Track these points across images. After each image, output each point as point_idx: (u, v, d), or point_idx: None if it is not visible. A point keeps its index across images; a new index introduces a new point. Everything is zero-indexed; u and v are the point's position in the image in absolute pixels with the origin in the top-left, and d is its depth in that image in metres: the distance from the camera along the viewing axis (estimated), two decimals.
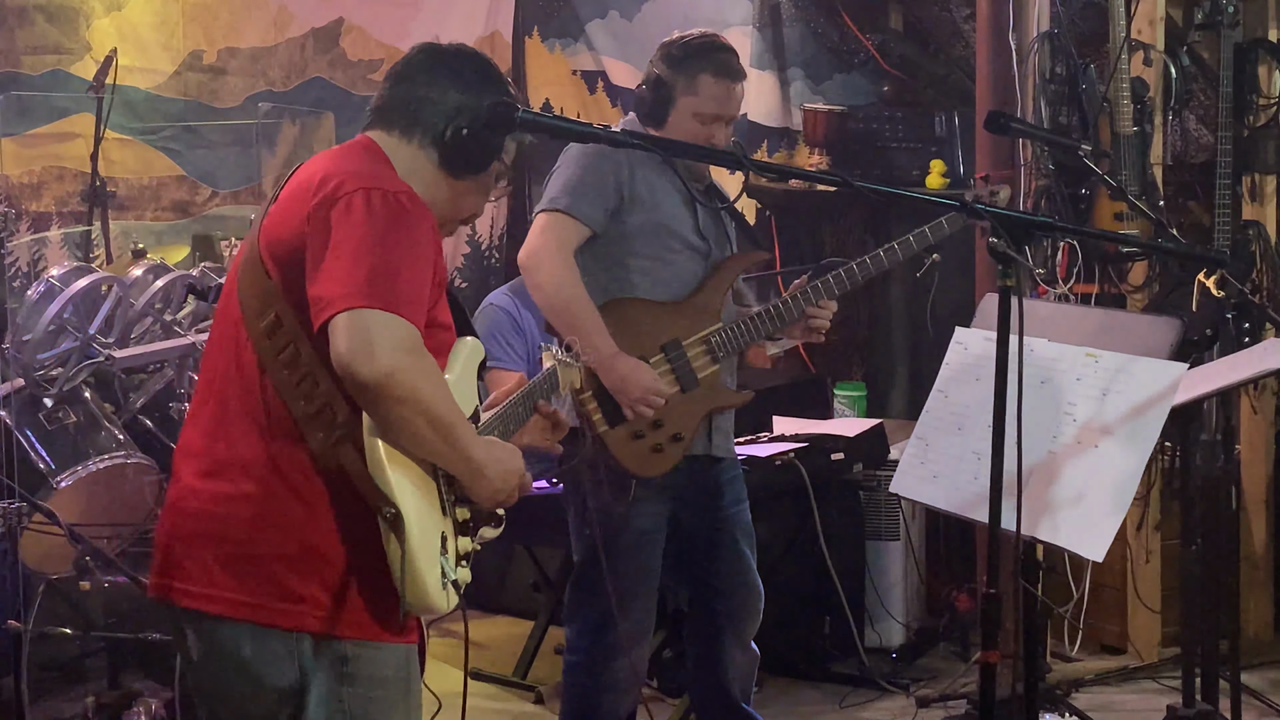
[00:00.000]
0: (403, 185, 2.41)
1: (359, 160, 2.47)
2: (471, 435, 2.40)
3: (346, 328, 2.24)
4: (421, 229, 2.37)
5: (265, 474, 2.36)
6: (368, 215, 2.32)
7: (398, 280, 2.28)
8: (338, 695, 2.37)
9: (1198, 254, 4.30)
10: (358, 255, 2.28)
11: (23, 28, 5.36)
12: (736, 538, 3.81)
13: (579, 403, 3.55)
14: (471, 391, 2.58)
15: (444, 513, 2.42)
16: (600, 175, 3.56)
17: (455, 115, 2.51)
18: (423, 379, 2.27)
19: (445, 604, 2.38)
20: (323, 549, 2.35)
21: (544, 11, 6.54)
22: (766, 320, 3.71)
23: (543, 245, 3.55)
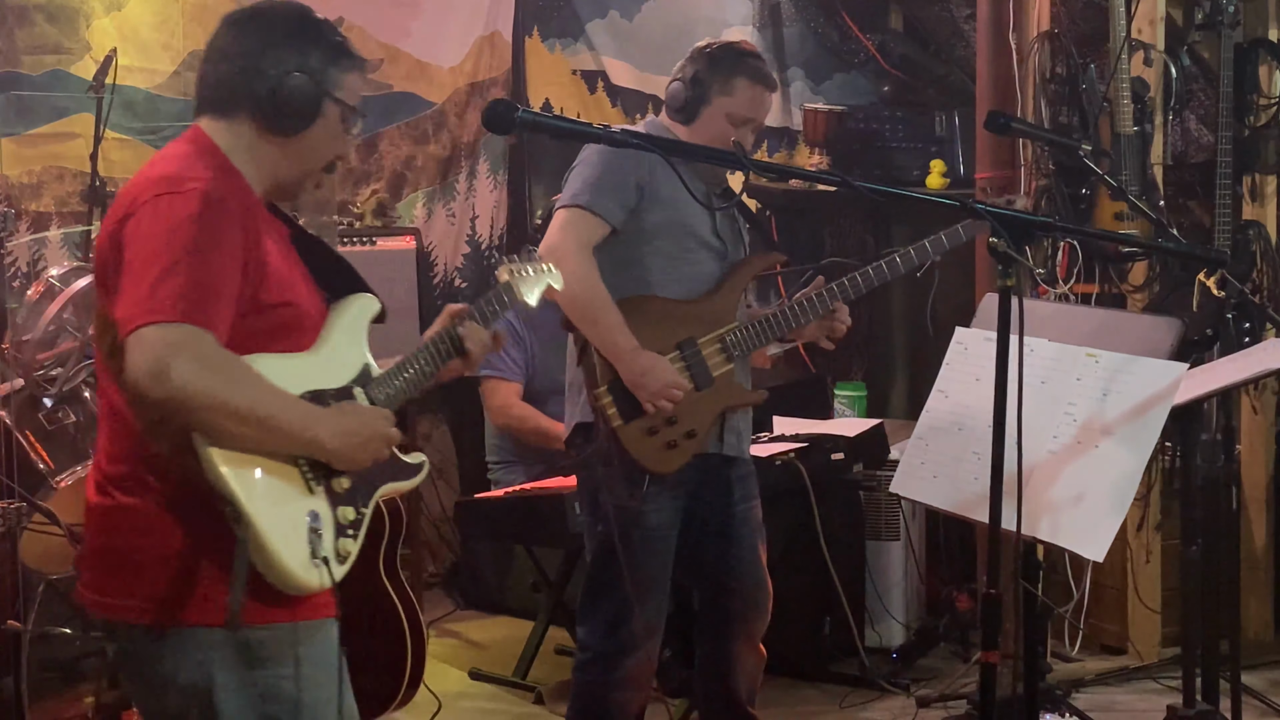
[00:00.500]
0: (199, 178, 2.39)
1: (167, 159, 2.48)
2: (300, 416, 2.39)
3: (134, 350, 2.26)
4: (216, 219, 2.35)
5: (132, 486, 2.42)
6: (154, 222, 2.33)
7: (187, 285, 2.28)
8: (249, 680, 2.42)
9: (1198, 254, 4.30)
10: (144, 270, 2.30)
11: (23, 28, 5.35)
12: (749, 535, 3.81)
13: (594, 397, 3.55)
14: (356, 352, 2.59)
15: (310, 490, 2.42)
16: (621, 173, 3.57)
17: (258, 77, 2.50)
18: (221, 383, 2.28)
19: (317, 581, 2.40)
20: (199, 545, 2.38)
21: (544, 11, 6.54)
22: (782, 321, 3.72)
23: (563, 241, 3.55)
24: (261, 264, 2.42)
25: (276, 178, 2.56)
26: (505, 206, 6.49)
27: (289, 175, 2.57)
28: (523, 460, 5.21)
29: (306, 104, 2.51)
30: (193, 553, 2.39)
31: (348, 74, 2.56)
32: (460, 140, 6.35)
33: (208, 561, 2.39)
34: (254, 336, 2.41)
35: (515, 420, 5.13)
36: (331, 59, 2.54)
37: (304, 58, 2.51)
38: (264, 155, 2.53)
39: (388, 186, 6.22)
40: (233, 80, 2.52)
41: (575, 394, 3.71)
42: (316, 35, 2.54)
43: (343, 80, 2.55)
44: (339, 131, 2.57)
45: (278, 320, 2.45)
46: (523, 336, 5.18)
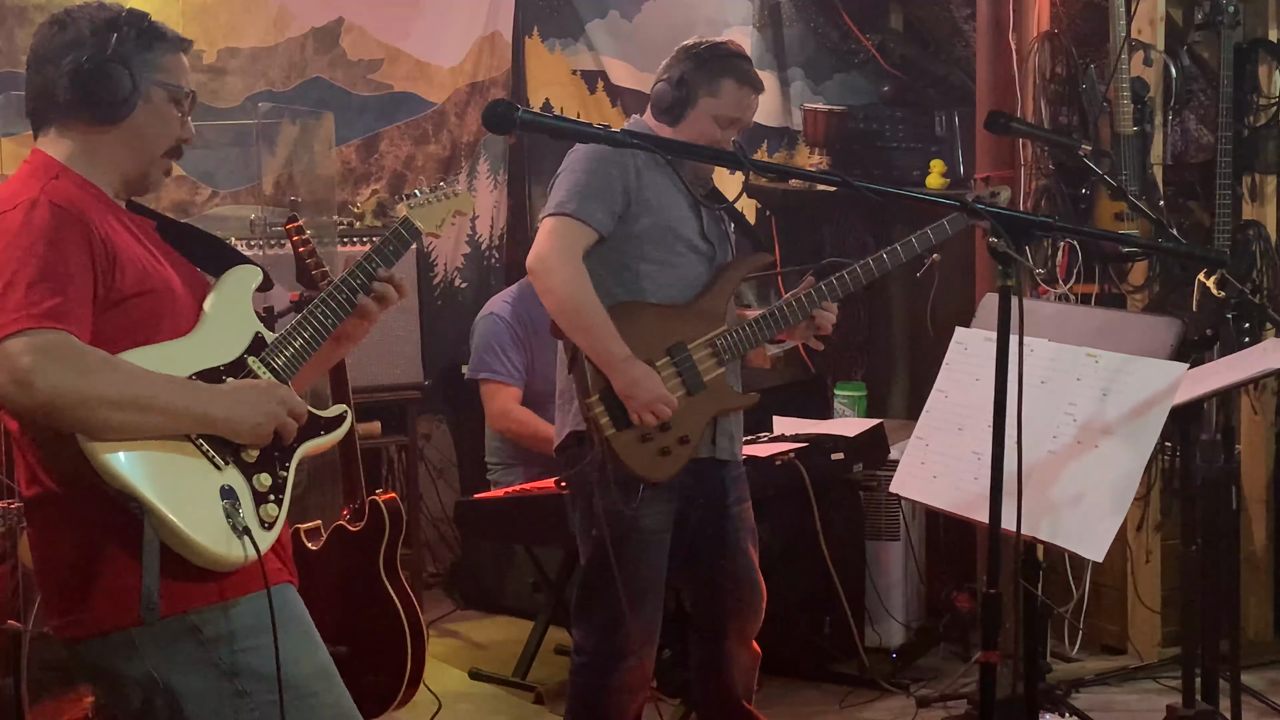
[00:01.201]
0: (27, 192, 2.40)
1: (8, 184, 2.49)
2: (181, 394, 2.40)
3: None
4: (53, 223, 2.36)
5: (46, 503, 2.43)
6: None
7: (34, 291, 2.29)
8: (207, 660, 2.43)
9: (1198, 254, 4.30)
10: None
11: (23, 28, 5.35)
12: (742, 536, 3.82)
13: (586, 406, 3.55)
14: (243, 322, 2.58)
15: (218, 466, 2.43)
16: (607, 179, 3.56)
17: (68, 76, 2.49)
18: (83, 376, 2.28)
19: (241, 553, 2.41)
20: (116, 543, 2.39)
21: (544, 11, 6.54)
22: (771, 322, 3.72)
23: (551, 250, 3.54)
24: (112, 257, 2.41)
25: (121, 172, 2.55)
26: (505, 206, 6.49)
27: (132, 166, 2.57)
28: (522, 461, 5.21)
29: (120, 90, 2.49)
30: (111, 550, 2.39)
31: (164, 56, 2.55)
32: (460, 140, 6.35)
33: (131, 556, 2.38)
34: (125, 331, 2.41)
35: (514, 424, 5.13)
36: (142, 44, 2.53)
37: (101, 45, 2.49)
38: (98, 152, 2.53)
39: (388, 186, 6.22)
40: (47, 87, 2.52)
41: (566, 402, 3.70)
42: (119, 23, 2.53)
43: (159, 62, 2.54)
44: (171, 114, 2.57)
45: (145, 310, 2.45)
46: (523, 340, 5.17)
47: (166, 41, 2.57)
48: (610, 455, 3.54)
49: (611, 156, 3.57)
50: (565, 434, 3.70)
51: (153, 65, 2.53)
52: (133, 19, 2.55)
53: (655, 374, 3.57)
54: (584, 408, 3.56)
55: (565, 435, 3.70)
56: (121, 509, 2.35)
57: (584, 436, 3.62)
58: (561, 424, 3.73)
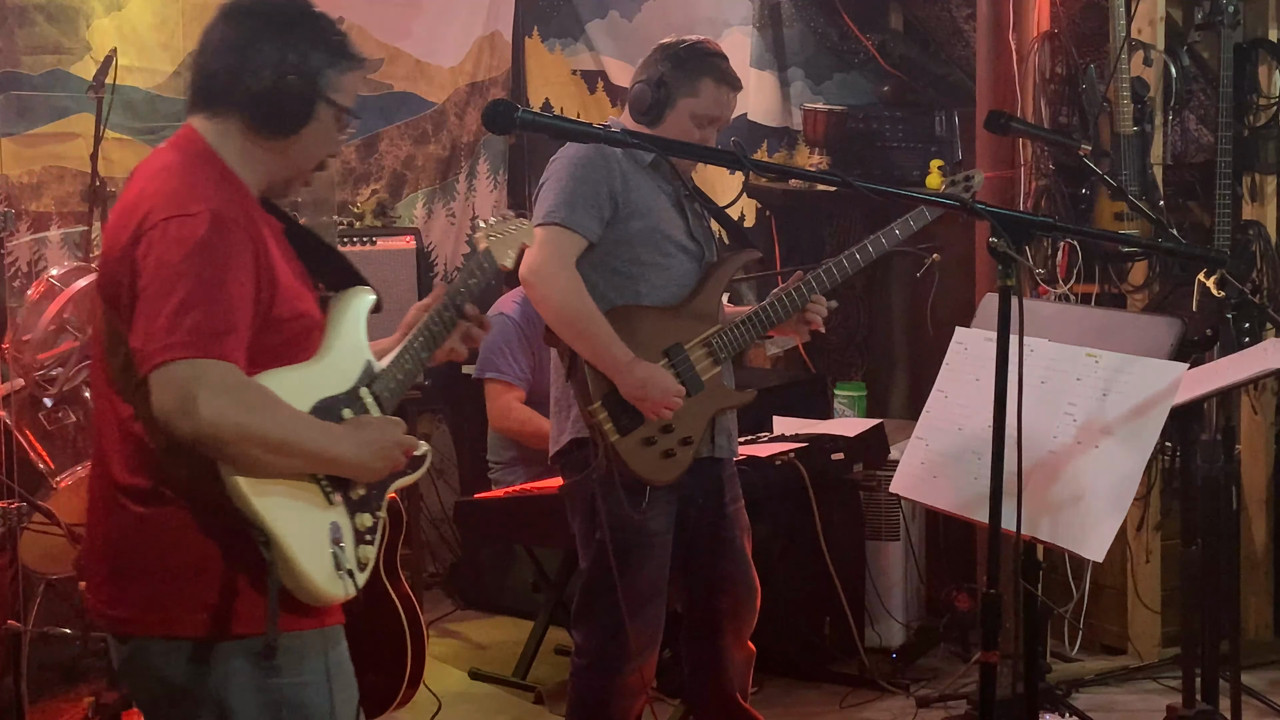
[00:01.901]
0: (205, 197, 2.35)
1: (169, 172, 2.42)
2: (324, 438, 2.39)
3: (159, 386, 2.25)
4: (226, 245, 2.32)
5: (149, 498, 2.39)
6: (166, 250, 2.30)
7: (205, 317, 2.27)
8: (265, 688, 2.41)
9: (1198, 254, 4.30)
10: (160, 300, 2.28)
11: (23, 28, 5.35)
12: (738, 534, 3.82)
13: (588, 414, 3.54)
14: (358, 350, 2.56)
15: (330, 503, 2.43)
16: (594, 185, 3.56)
17: (251, 76, 2.43)
18: (248, 414, 2.27)
19: (343, 591, 2.42)
20: (216, 556, 2.37)
21: (544, 11, 6.54)
22: (763, 318, 3.72)
23: (544, 260, 3.53)
24: (273, 281, 2.39)
25: (269, 178, 2.52)
26: (505, 206, 6.49)
27: (280, 176, 2.54)
28: (524, 461, 5.20)
29: (300, 107, 2.45)
30: (218, 566, 2.37)
31: (345, 75, 2.51)
32: (460, 140, 6.35)
33: (235, 574, 2.37)
34: (265, 352, 2.38)
35: (515, 424, 5.12)
36: (329, 60, 2.48)
37: (301, 58, 2.44)
38: (255, 156, 2.48)
39: (388, 186, 6.22)
40: (225, 77, 2.45)
41: (564, 409, 3.69)
42: (315, 34, 2.48)
43: (340, 82, 2.50)
44: (332, 133, 2.53)
45: (290, 334, 2.44)
46: (530, 341, 5.17)
47: (350, 60, 2.52)
48: (616, 461, 3.53)
49: (595, 162, 3.57)
50: (565, 441, 3.69)
51: (332, 85, 2.48)
52: (327, 29, 2.50)
53: (660, 370, 3.57)
54: (586, 415, 3.55)
55: (566, 442, 3.69)
56: (224, 524, 2.34)
57: (585, 443, 3.62)
58: (559, 430, 3.72)
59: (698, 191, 3.83)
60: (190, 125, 2.50)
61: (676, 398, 3.55)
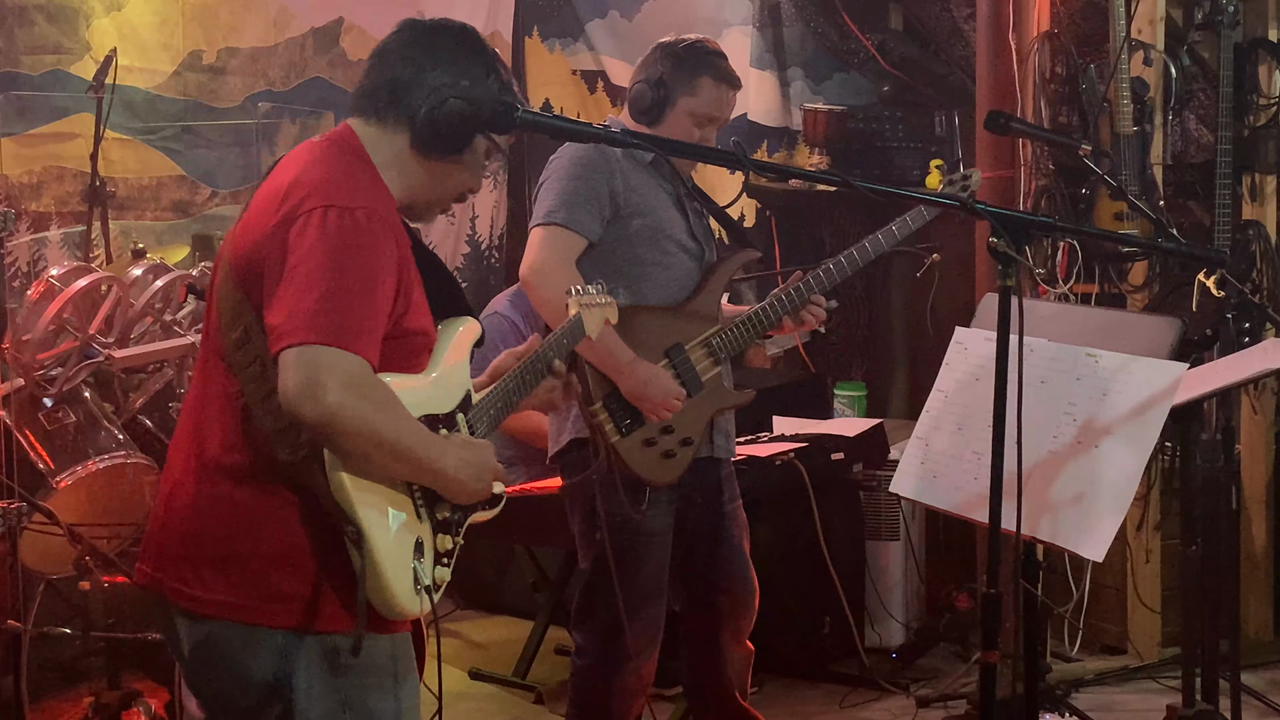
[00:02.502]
0: (366, 200, 2.37)
1: (328, 163, 2.44)
2: (433, 448, 2.40)
3: (293, 365, 2.25)
4: (378, 246, 2.34)
5: (245, 478, 2.38)
6: (321, 238, 2.30)
7: (348, 310, 2.28)
8: (333, 686, 2.40)
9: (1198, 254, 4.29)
10: (308, 284, 2.28)
11: (23, 28, 5.35)
12: (736, 534, 3.82)
13: (589, 415, 3.54)
14: (462, 377, 2.58)
15: (419, 518, 2.43)
16: (593, 185, 3.56)
17: (428, 95, 2.47)
18: (372, 411, 2.28)
19: (418, 608, 2.42)
20: (305, 548, 2.37)
21: (544, 11, 6.54)
22: (762, 318, 3.72)
23: (545, 260, 3.54)
24: (408, 293, 2.41)
25: (413, 195, 2.53)
26: (505, 206, 6.49)
27: (425, 197, 2.56)
28: (523, 460, 5.20)
29: (463, 134, 2.49)
30: (309, 559, 2.37)
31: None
32: None
33: (325, 568, 2.37)
34: (388, 359, 2.39)
35: (514, 422, 5.12)
36: (495, 95, 2.52)
37: (472, 87, 2.49)
38: (408, 171, 2.50)
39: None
40: (399, 87, 2.49)
41: (564, 410, 3.69)
42: (489, 68, 2.53)
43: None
44: (480, 166, 2.58)
45: (412, 346, 2.45)
46: (523, 337, 5.17)
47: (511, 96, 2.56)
48: (616, 461, 3.53)
49: (595, 161, 3.57)
50: (565, 441, 3.69)
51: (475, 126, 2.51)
52: (499, 66, 2.55)
53: (661, 371, 3.57)
54: (587, 416, 3.55)
55: (566, 442, 3.69)
56: (319, 516, 2.34)
57: (585, 443, 3.62)
58: (559, 431, 3.72)
59: (697, 191, 3.83)
60: (348, 125, 2.53)
61: (676, 400, 3.55)
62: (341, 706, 2.41)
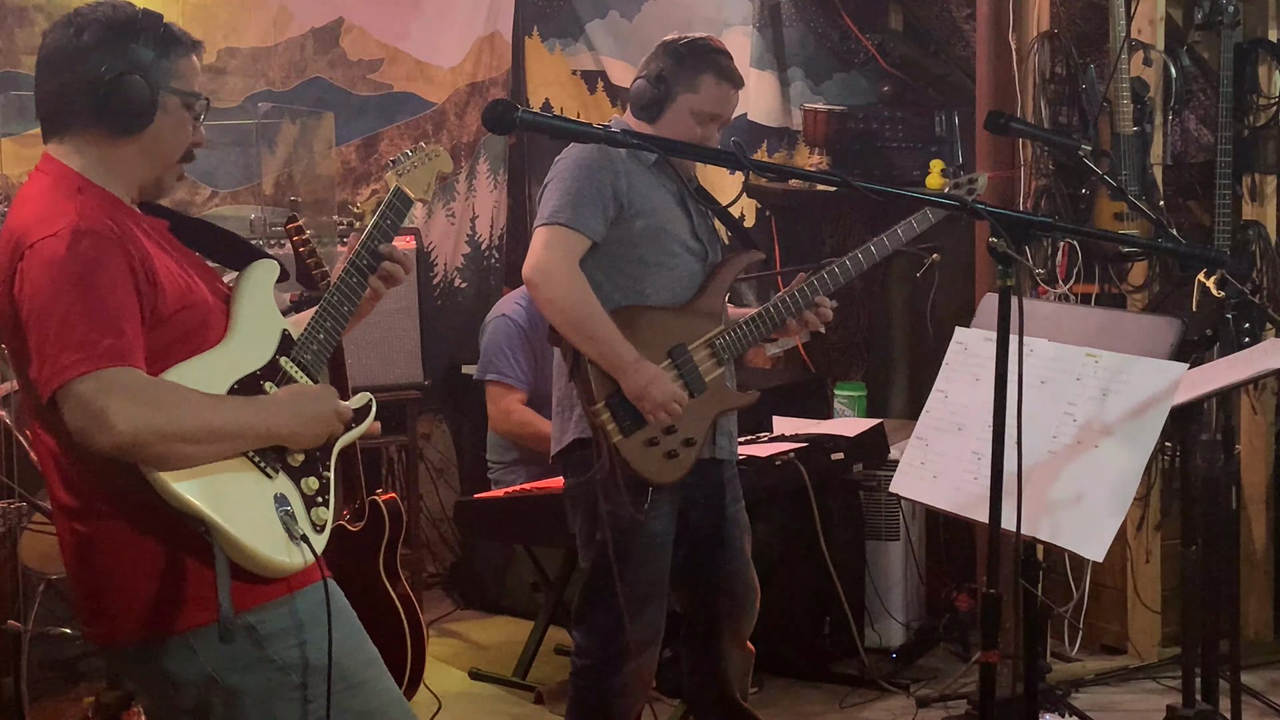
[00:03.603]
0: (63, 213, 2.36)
1: (27, 202, 2.44)
2: (248, 417, 2.41)
3: (66, 409, 2.27)
4: (96, 256, 2.33)
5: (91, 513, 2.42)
6: (36, 277, 2.32)
7: (90, 331, 2.28)
8: (264, 659, 2.44)
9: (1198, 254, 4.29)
10: (42, 326, 2.29)
11: (23, 28, 5.35)
12: (738, 536, 3.82)
13: (592, 414, 3.54)
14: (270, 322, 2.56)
15: (269, 475, 2.44)
16: (597, 185, 3.55)
17: (86, 86, 2.44)
18: (158, 413, 2.29)
19: (301, 559, 2.43)
20: (165, 554, 2.39)
21: (544, 11, 6.54)
22: (767, 320, 3.72)
23: (549, 260, 3.53)
24: (154, 280, 2.40)
25: (138, 180, 2.52)
26: (505, 206, 6.49)
27: (149, 174, 2.53)
28: (524, 461, 5.21)
29: (141, 102, 2.45)
30: (167, 561, 2.39)
31: (178, 61, 2.51)
32: (460, 140, 6.35)
33: (190, 564, 2.40)
34: (168, 348, 2.40)
35: (515, 426, 5.12)
36: (159, 49, 2.48)
37: (127, 55, 2.45)
38: (116, 162, 2.49)
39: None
40: (62, 95, 2.47)
41: (566, 409, 3.69)
42: (137, 28, 2.48)
43: (174, 68, 2.50)
44: (184, 119, 2.53)
45: (185, 325, 2.44)
46: (532, 343, 5.17)
47: (181, 46, 2.52)
48: (618, 461, 3.53)
49: (600, 162, 3.56)
50: (568, 441, 3.69)
51: (169, 73, 2.49)
52: (149, 23, 2.50)
53: (664, 373, 3.57)
54: (590, 415, 3.54)
55: (568, 442, 3.69)
56: (170, 520, 2.36)
57: (588, 443, 3.61)
58: (561, 430, 3.72)
59: (701, 191, 3.82)
60: (46, 154, 2.52)
61: (677, 404, 3.55)
62: (280, 670, 2.44)
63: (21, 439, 4.35)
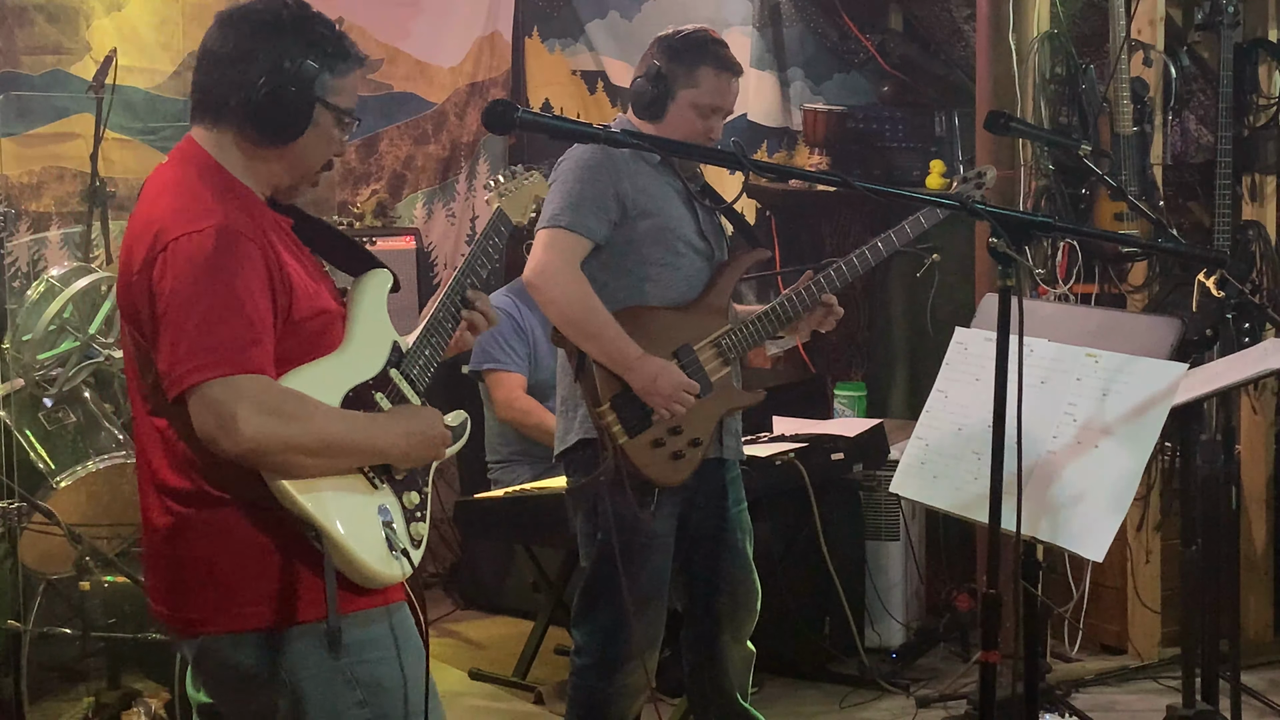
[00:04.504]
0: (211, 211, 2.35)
1: (174, 188, 2.42)
2: (366, 433, 2.42)
3: (195, 409, 2.29)
4: (237, 257, 2.33)
5: (197, 498, 2.41)
6: (179, 274, 2.32)
7: (226, 333, 2.29)
8: (334, 668, 2.43)
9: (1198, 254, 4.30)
10: (181, 323, 2.30)
11: (23, 28, 5.36)
12: (740, 537, 3.81)
13: (597, 415, 3.53)
14: (383, 332, 2.58)
15: (375, 487, 2.45)
16: (600, 188, 3.55)
17: (246, 85, 2.42)
18: (287, 425, 2.30)
19: (400, 572, 2.45)
20: (271, 549, 2.40)
21: (544, 11, 6.54)
22: (773, 319, 3.71)
23: (550, 262, 3.53)
24: (288, 285, 2.40)
25: (274, 182, 2.53)
26: None
27: (285, 180, 2.54)
28: (523, 458, 5.20)
29: (297, 115, 2.44)
30: (274, 558, 2.40)
31: (343, 78, 2.49)
32: (460, 140, 6.35)
33: (293, 563, 2.40)
34: (292, 355, 2.40)
35: (519, 414, 5.11)
36: (326, 64, 2.46)
37: (295, 64, 2.42)
38: (258, 164, 2.48)
39: (388, 186, 6.22)
40: (222, 87, 2.44)
41: (571, 409, 3.68)
42: (310, 38, 2.46)
43: (338, 85, 2.48)
44: (333, 136, 2.52)
45: (312, 332, 2.45)
46: (524, 328, 5.17)
47: (347, 61, 2.50)
48: (625, 462, 3.52)
49: (602, 164, 3.56)
50: (573, 440, 3.68)
51: (330, 88, 2.47)
52: (324, 33, 2.47)
53: (672, 365, 3.56)
54: (595, 416, 3.53)
55: (573, 442, 3.68)
56: (278, 518, 2.37)
57: (592, 443, 3.61)
58: (566, 429, 3.71)
59: (707, 188, 3.80)
60: (190, 136, 2.50)
61: (688, 393, 3.54)
62: (348, 684, 2.44)
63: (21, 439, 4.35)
